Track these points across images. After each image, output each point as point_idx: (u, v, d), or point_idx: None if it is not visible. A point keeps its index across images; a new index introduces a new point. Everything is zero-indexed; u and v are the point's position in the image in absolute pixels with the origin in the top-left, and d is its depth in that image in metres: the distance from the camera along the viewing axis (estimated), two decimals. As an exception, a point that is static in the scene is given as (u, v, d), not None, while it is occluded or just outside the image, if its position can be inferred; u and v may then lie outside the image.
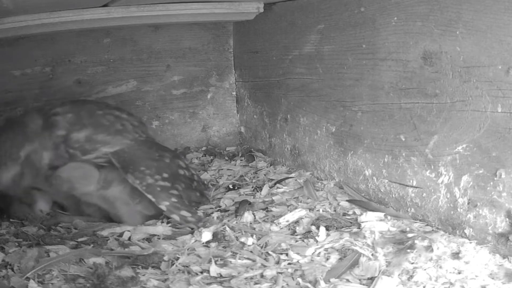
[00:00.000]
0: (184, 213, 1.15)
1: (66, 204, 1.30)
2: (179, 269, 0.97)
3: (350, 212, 1.18)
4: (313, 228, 1.10)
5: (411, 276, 0.87)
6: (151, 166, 1.20)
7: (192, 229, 1.15)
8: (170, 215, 1.15)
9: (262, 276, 0.93)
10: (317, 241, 1.05)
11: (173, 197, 1.17)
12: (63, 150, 1.20)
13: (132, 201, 1.22)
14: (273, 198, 1.31)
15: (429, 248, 0.93)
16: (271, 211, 1.23)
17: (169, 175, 1.21)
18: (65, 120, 1.22)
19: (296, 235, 1.09)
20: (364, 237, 1.03)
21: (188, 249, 1.05)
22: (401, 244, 0.98)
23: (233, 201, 1.34)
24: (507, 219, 0.91)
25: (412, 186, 1.11)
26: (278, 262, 0.98)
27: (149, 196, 1.15)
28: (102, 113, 1.29)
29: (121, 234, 1.14)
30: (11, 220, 1.24)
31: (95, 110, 1.29)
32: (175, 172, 1.26)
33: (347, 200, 1.24)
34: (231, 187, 1.44)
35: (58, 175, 1.19)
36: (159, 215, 1.23)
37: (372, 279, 0.88)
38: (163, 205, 1.15)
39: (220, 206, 1.31)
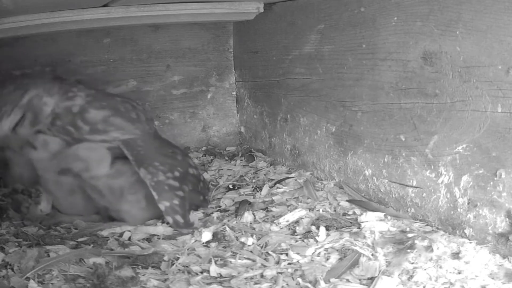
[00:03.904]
0: (178, 218, 1.15)
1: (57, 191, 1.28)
2: (179, 269, 0.97)
3: (350, 212, 1.18)
4: (313, 228, 1.10)
5: (411, 276, 0.87)
6: (165, 162, 1.19)
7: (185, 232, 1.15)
8: (166, 216, 1.15)
9: (262, 276, 0.93)
10: (317, 241, 1.05)
11: (176, 199, 1.16)
12: (69, 120, 1.19)
13: (127, 191, 1.21)
14: (273, 198, 1.31)
15: (429, 248, 0.93)
16: (271, 211, 1.23)
17: (180, 174, 1.21)
18: (86, 95, 1.21)
19: (296, 235, 1.09)
20: (364, 237, 1.03)
21: (188, 249, 1.05)
22: (401, 244, 0.98)
23: (233, 201, 1.34)
24: (507, 219, 0.91)
25: (412, 186, 1.11)
26: (278, 262, 0.98)
27: (154, 193, 1.14)
28: (120, 100, 1.28)
29: (121, 234, 1.14)
30: (11, 220, 1.24)
31: (114, 96, 1.30)
32: (186, 170, 1.25)
33: (347, 200, 1.24)
34: (231, 187, 1.44)
35: (74, 153, 1.17)
36: (152, 211, 1.22)
37: (372, 279, 0.88)
38: (163, 205, 1.14)
39: (220, 206, 1.31)
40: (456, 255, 0.92)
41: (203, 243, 1.08)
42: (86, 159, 1.18)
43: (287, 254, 1.00)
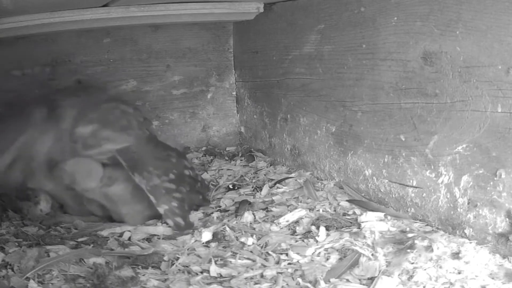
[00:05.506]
0: (179, 219, 1.15)
1: (66, 200, 1.29)
2: (179, 269, 0.97)
3: (350, 212, 1.18)
4: (313, 228, 1.10)
5: (411, 276, 0.87)
6: (159, 166, 1.20)
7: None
8: (166, 219, 1.15)
9: (262, 276, 0.93)
10: (317, 241, 1.05)
11: (174, 201, 1.16)
12: (66, 144, 1.19)
13: (132, 200, 1.22)
14: (273, 198, 1.31)
15: (429, 248, 0.93)
16: (271, 211, 1.23)
17: (175, 176, 1.21)
18: (71, 114, 1.21)
19: (296, 235, 1.09)
20: (364, 237, 1.03)
21: (188, 249, 1.05)
22: (401, 244, 0.98)
23: (233, 201, 1.34)
24: (507, 219, 0.91)
25: (412, 186, 1.11)
26: (278, 262, 0.98)
27: (151, 198, 1.15)
28: (107, 106, 1.27)
29: (121, 234, 1.14)
30: (11, 220, 1.24)
31: (101, 103, 1.28)
32: (181, 172, 1.25)
33: (347, 200, 1.24)
34: (231, 187, 1.44)
35: (62, 167, 1.18)
36: (159, 215, 1.23)
37: (372, 279, 0.88)
38: (162, 208, 1.15)
39: (220, 206, 1.31)
40: (456, 255, 0.92)
41: (203, 243, 1.08)
42: (73, 174, 1.19)
43: (287, 254, 1.00)
